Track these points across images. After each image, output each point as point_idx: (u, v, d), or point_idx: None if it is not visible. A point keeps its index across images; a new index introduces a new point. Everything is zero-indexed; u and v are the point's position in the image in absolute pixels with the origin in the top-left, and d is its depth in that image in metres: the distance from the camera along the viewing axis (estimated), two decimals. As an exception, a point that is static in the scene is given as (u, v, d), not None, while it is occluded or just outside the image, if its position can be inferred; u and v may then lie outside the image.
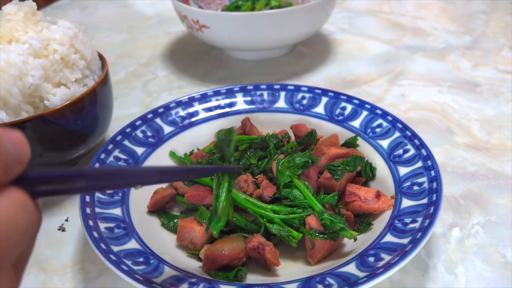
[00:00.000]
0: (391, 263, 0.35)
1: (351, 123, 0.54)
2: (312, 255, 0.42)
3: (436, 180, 0.43)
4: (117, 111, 0.70)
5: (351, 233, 0.41)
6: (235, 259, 0.41)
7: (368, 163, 0.49)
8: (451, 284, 0.41)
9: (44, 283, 0.44)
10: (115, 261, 0.37)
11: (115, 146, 0.51)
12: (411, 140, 0.49)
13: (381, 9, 1.05)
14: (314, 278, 0.37)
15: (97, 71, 0.57)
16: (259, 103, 0.59)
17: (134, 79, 0.81)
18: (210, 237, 0.44)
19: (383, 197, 0.45)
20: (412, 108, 0.68)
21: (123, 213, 0.44)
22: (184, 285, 0.36)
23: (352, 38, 0.92)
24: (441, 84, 0.74)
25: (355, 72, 0.79)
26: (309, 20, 0.75)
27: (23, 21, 0.51)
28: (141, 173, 0.31)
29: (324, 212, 0.42)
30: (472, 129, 0.63)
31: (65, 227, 0.50)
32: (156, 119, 0.55)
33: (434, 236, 0.46)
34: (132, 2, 1.18)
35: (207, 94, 0.59)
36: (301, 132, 0.53)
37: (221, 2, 0.93)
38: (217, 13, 0.73)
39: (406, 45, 0.88)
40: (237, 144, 0.51)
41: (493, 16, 0.99)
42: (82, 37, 0.55)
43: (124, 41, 0.96)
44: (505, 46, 0.85)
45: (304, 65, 0.82)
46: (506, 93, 0.70)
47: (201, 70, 0.83)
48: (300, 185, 0.44)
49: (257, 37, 0.74)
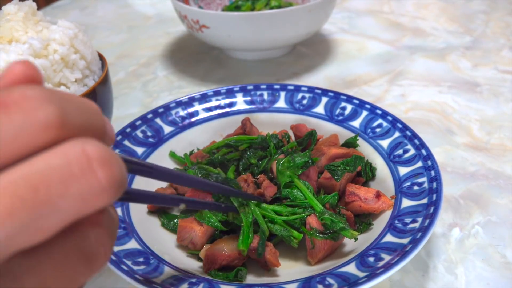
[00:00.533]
0: (391, 263, 0.35)
1: (351, 123, 0.54)
2: (312, 255, 0.42)
3: (436, 180, 0.43)
4: (117, 111, 0.69)
5: (352, 233, 0.41)
6: (235, 259, 0.41)
7: (368, 163, 0.49)
8: (451, 284, 0.41)
9: (44, 283, 0.44)
10: (115, 261, 0.37)
11: (115, 146, 0.51)
12: (411, 140, 0.49)
13: (381, 9, 1.05)
14: (314, 278, 0.37)
15: (97, 71, 0.57)
16: (259, 103, 0.59)
17: (134, 79, 0.81)
18: (210, 237, 0.44)
19: (383, 197, 0.45)
20: (412, 108, 0.68)
21: (123, 213, 0.44)
22: (184, 285, 0.36)
23: (352, 38, 0.92)
24: (441, 84, 0.74)
25: (355, 72, 0.79)
26: (309, 20, 0.75)
27: (23, 21, 0.51)
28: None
29: (325, 212, 0.42)
30: (472, 129, 0.63)
31: (65, 227, 0.50)
32: (156, 119, 0.55)
33: (434, 236, 0.46)
34: (132, 2, 1.18)
35: (207, 94, 0.59)
36: (301, 132, 0.53)
37: (221, 2, 0.93)
38: (217, 13, 0.73)
39: (406, 45, 0.88)
40: (237, 144, 0.51)
41: (493, 16, 0.99)
42: (82, 37, 0.55)
43: (124, 41, 0.96)
44: (505, 46, 0.85)
45: (304, 65, 0.82)
46: (506, 93, 0.70)
47: (201, 70, 0.83)
48: (301, 185, 0.44)
49: (257, 37, 0.74)
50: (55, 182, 0.16)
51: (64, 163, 0.16)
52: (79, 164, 0.16)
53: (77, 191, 0.16)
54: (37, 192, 0.15)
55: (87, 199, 0.16)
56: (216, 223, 0.43)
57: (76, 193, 0.16)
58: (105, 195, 0.17)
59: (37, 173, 0.16)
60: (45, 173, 0.16)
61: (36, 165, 0.16)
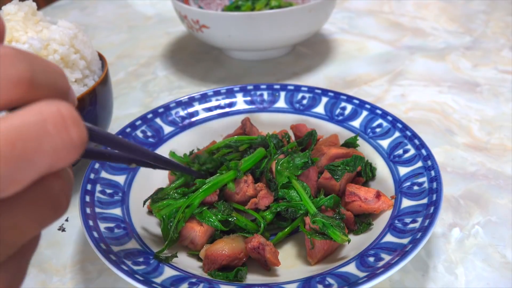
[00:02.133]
0: (391, 263, 0.35)
1: (351, 123, 0.54)
2: (312, 255, 0.42)
3: (436, 180, 0.43)
4: (117, 111, 0.70)
5: (342, 237, 0.40)
6: (235, 259, 0.41)
7: (368, 163, 0.49)
8: (451, 284, 0.41)
9: (44, 283, 0.44)
10: (115, 261, 0.37)
11: (115, 146, 0.51)
12: (411, 140, 0.49)
13: (381, 9, 1.05)
14: (314, 278, 0.37)
15: (97, 71, 0.57)
16: (259, 103, 0.59)
17: (134, 79, 0.81)
18: (210, 237, 0.44)
19: (383, 197, 0.45)
20: (412, 108, 0.68)
21: (123, 213, 0.44)
22: (184, 285, 0.36)
23: (352, 38, 0.92)
24: (441, 84, 0.74)
25: (355, 72, 0.79)
26: (309, 20, 0.75)
27: (23, 21, 0.51)
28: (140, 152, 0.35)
29: (318, 215, 0.42)
30: (472, 129, 0.63)
31: (65, 227, 0.50)
32: (156, 119, 0.55)
33: (434, 236, 0.46)
34: (132, 2, 1.18)
35: (207, 94, 0.59)
36: (301, 132, 0.53)
37: (221, 2, 0.93)
38: (217, 13, 0.73)
39: (406, 45, 0.88)
40: (237, 144, 0.51)
41: (493, 16, 0.99)
42: (82, 37, 0.55)
43: (124, 41, 0.96)
44: (505, 46, 0.85)
45: (304, 65, 0.82)
46: (506, 93, 0.70)
47: (201, 70, 0.83)
48: (298, 186, 0.44)
49: (257, 37, 0.74)
50: (32, 138, 0.17)
51: (39, 120, 0.17)
52: (54, 122, 0.18)
53: (52, 147, 0.18)
54: (14, 147, 0.17)
55: (60, 154, 0.18)
56: (216, 223, 0.43)
57: (51, 149, 0.18)
58: (75, 151, 0.19)
59: (14, 129, 0.17)
60: (22, 130, 0.17)
61: (13, 121, 0.17)
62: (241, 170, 0.45)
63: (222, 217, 0.43)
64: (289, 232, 0.45)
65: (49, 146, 0.18)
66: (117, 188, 0.47)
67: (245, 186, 0.45)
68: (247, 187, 0.45)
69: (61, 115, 0.18)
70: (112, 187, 0.46)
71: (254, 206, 0.45)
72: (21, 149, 0.17)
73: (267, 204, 0.45)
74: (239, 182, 0.45)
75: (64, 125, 0.18)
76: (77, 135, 0.18)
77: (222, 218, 0.43)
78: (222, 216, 0.43)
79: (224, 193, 0.46)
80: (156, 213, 0.44)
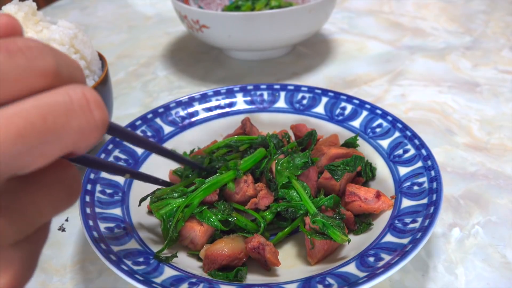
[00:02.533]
0: (391, 263, 0.35)
1: (351, 123, 0.54)
2: (312, 255, 0.42)
3: (436, 180, 0.43)
4: (117, 111, 0.70)
5: (342, 237, 0.40)
6: (235, 259, 0.41)
7: (368, 163, 0.49)
8: (451, 284, 0.41)
9: (44, 283, 0.44)
10: (115, 261, 0.37)
11: (115, 146, 0.51)
12: (411, 140, 0.49)
13: (381, 9, 1.05)
14: (314, 278, 0.37)
15: (97, 71, 0.57)
16: (259, 103, 0.59)
17: (134, 79, 0.81)
18: (210, 237, 0.44)
19: (383, 197, 0.45)
20: (412, 108, 0.68)
21: (123, 213, 0.44)
22: (184, 285, 0.36)
23: (352, 38, 0.92)
24: (441, 84, 0.74)
25: (355, 72, 0.79)
26: (309, 20, 0.75)
27: (23, 21, 0.51)
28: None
29: (318, 215, 0.42)
30: (472, 129, 0.63)
31: (65, 227, 0.50)
32: (156, 119, 0.55)
33: (434, 236, 0.46)
34: (132, 2, 1.18)
35: (207, 94, 0.59)
36: (301, 132, 0.53)
37: (221, 2, 0.93)
38: (217, 13, 0.73)
39: (406, 45, 0.88)
40: (237, 144, 0.51)
41: (493, 16, 0.99)
42: (82, 37, 0.55)
43: (124, 41, 0.96)
44: (505, 46, 0.85)
45: (304, 65, 0.82)
46: (506, 93, 0.70)
47: (201, 70, 0.83)
48: (298, 186, 0.44)
49: (257, 37, 0.74)
50: (61, 114, 0.18)
51: (67, 100, 0.19)
52: (80, 103, 0.19)
53: (78, 125, 0.19)
54: (45, 120, 0.18)
55: (84, 133, 0.19)
56: (216, 223, 0.43)
57: (76, 127, 0.19)
58: (98, 131, 0.20)
59: (46, 105, 0.18)
60: (53, 106, 0.18)
61: (45, 99, 0.18)
62: (241, 170, 0.45)
63: (222, 217, 0.43)
64: (289, 232, 0.45)
65: (76, 124, 0.19)
66: (117, 188, 0.47)
67: (245, 186, 0.45)
68: (247, 187, 0.45)
69: (86, 97, 0.19)
70: (112, 187, 0.47)
71: (254, 206, 0.45)
72: (52, 123, 0.18)
73: (267, 204, 0.45)
74: (239, 182, 0.45)
75: (89, 107, 0.19)
76: (100, 117, 0.20)
77: (222, 218, 0.43)
78: (222, 216, 0.43)
79: (224, 193, 0.46)
80: (155, 213, 0.44)
